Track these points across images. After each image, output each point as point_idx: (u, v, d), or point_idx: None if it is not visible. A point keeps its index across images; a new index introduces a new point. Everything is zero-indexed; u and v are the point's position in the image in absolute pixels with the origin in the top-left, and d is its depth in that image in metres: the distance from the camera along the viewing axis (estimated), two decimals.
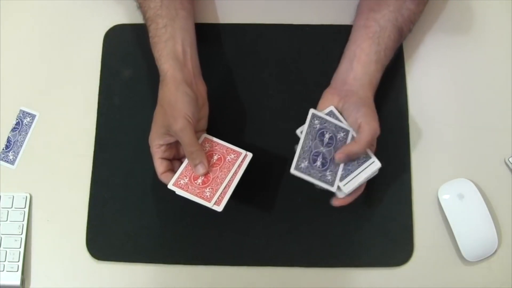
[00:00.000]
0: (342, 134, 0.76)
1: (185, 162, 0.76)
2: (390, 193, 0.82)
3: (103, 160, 0.84)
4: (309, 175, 0.74)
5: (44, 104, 0.87)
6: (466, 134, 0.85)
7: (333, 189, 0.75)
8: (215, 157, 0.76)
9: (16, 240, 0.81)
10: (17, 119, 0.86)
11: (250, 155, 0.76)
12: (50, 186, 0.84)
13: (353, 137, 0.76)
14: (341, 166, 0.75)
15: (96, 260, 0.81)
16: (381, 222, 0.81)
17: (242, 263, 0.81)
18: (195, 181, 0.75)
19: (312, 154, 0.75)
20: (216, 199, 0.73)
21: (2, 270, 0.80)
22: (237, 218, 0.82)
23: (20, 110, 0.87)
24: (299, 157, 0.75)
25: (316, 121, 0.77)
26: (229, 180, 0.74)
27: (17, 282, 0.79)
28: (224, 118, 0.84)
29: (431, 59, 0.88)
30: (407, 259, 0.80)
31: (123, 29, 0.89)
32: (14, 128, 0.86)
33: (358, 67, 0.78)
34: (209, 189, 0.74)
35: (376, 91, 0.79)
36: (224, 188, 0.74)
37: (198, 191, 0.74)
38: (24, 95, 0.87)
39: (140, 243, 0.81)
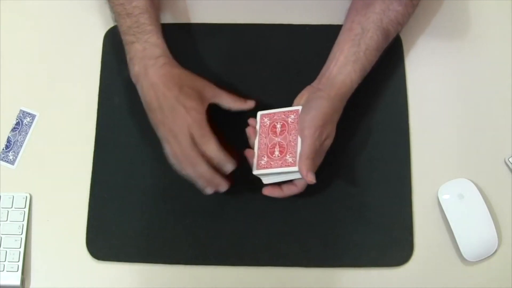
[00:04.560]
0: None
1: (256, 143, 0.78)
2: (390, 193, 0.82)
3: (103, 160, 0.84)
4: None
5: (44, 104, 0.87)
6: (466, 134, 0.85)
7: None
8: (279, 126, 0.79)
9: (16, 240, 0.81)
10: (17, 119, 0.86)
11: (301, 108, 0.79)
12: (50, 186, 0.84)
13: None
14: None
15: (96, 260, 0.81)
16: (381, 222, 0.81)
17: (242, 263, 0.81)
18: (273, 156, 0.77)
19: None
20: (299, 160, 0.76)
21: (2, 270, 0.80)
22: (237, 218, 0.82)
23: (20, 110, 0.87)
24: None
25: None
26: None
27: (17, 282, 0.79)
28: (223, 118, 0.84)
29: (431, 59, 0.88)
30: (407, 259, 0.80)
31: None
32: (14, 128, 0.86)
33: (335, 68, 0.80)
34: (289, 155, 0.76)
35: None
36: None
37: (281, 162, 0.76)
38: (24, 95, 0.87)
39: (140, 243, 0.81)
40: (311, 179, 0.74)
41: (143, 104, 0.78)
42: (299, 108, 0.79)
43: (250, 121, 0.81)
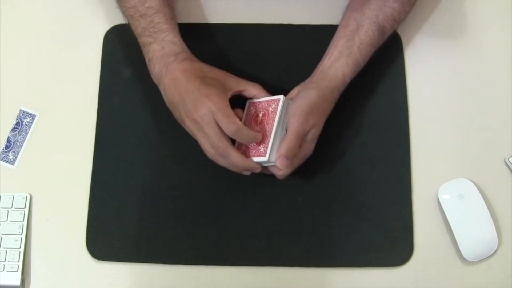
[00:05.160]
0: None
1: None
2: (390, 193, 0.82)
3: (103, 160, 0.84)
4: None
5: (44, 104, 0.87)
6: (466, 134, 0.85)
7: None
8: (261, 114, 0.78)
9: (16, 240, 0.81)
10: (17, 119, 0.86)
11: (282, 97, 0.78)
12: (50, 186, 0.84)
13: (285, 104, 0.77)
14: (272, 136, 0.76)
15: (96, 260, 0.81)
16: (381, 222, 0.81)
17: (242, 263, 0.81)
18: (250, 144, 0.77)
19: None
20: (270, 150, 0.75)
21: (2, 270, 0.80)
22: (237, 218, 0.82)
23: (20, 110, 0.87)
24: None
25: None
26: (276, 129, 0.76)
27: (17, 282, 0.79)
28: None
29: (431, 58, 0.88)
30: (407, 259, 0.80)
31: (123, 29, 0.89)
32: (14, 128, 0.86)
33: (328, 62, 0.80)
34: (262, 145, 0.76)
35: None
36: (273, 137, 0.76)
37: (254, 151, 0.76)
38: (24, 95, 0.87)
39: (140, 243, 0.81)
40: (280, 165, 0.74)
41: (167, 103, 0.78)
42: (280, 97, 0.78)
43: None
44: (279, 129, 0.77)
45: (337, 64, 0.79)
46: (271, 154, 0.76)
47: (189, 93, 0.74)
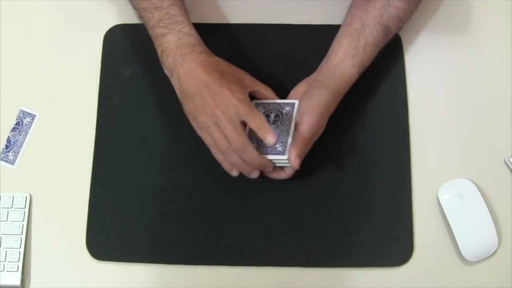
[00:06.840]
0: (287, 108, 0.78)
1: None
2: (390, 193, 0.82)
3: (103, 160, 0.84)
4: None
5: (44, 104, 0.87)
6: (466, 134, 0.85)
7: (285, 157, 0.75)
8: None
9: (16, 240, 0.81)
10: (17, 119, 0.86)
11: (297, 102, 0.79)
12: (50, 186, 0.84)
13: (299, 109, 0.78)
14: (291, 135, 0.76)
15: (96, 260, 0.81)
16: (381, 222, 0.81)
17: (242, 263, 0.81)
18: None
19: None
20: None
21: (2, 270, 0.80)
22: (237, 218, 0.82)
23: (20, 110, 0.87)
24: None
25: (260, 108, 0.79)
26: (293, 130, 0.77)
27: (17, 282, 0.79)
28: None
29: (431, 59, 0.88)
30: (407, 259, 0.80)
31: (123, 29, 0.89)
32: (14, 128, 0.86)
33: (334, 62, 0.80)
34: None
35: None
36: (291, 137, 0.77)
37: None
38: (24, 95, 0.87)
39: (140, 243, 0.81)
40: (297, 165, 0.75)
41: (179, 95, 0.77)
42: (296, 101, 0.79)
43: None
44: (294, 130, 0.77)
45: (343, 65, 0.79)
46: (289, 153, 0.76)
47: (209, 87, 0.74)
